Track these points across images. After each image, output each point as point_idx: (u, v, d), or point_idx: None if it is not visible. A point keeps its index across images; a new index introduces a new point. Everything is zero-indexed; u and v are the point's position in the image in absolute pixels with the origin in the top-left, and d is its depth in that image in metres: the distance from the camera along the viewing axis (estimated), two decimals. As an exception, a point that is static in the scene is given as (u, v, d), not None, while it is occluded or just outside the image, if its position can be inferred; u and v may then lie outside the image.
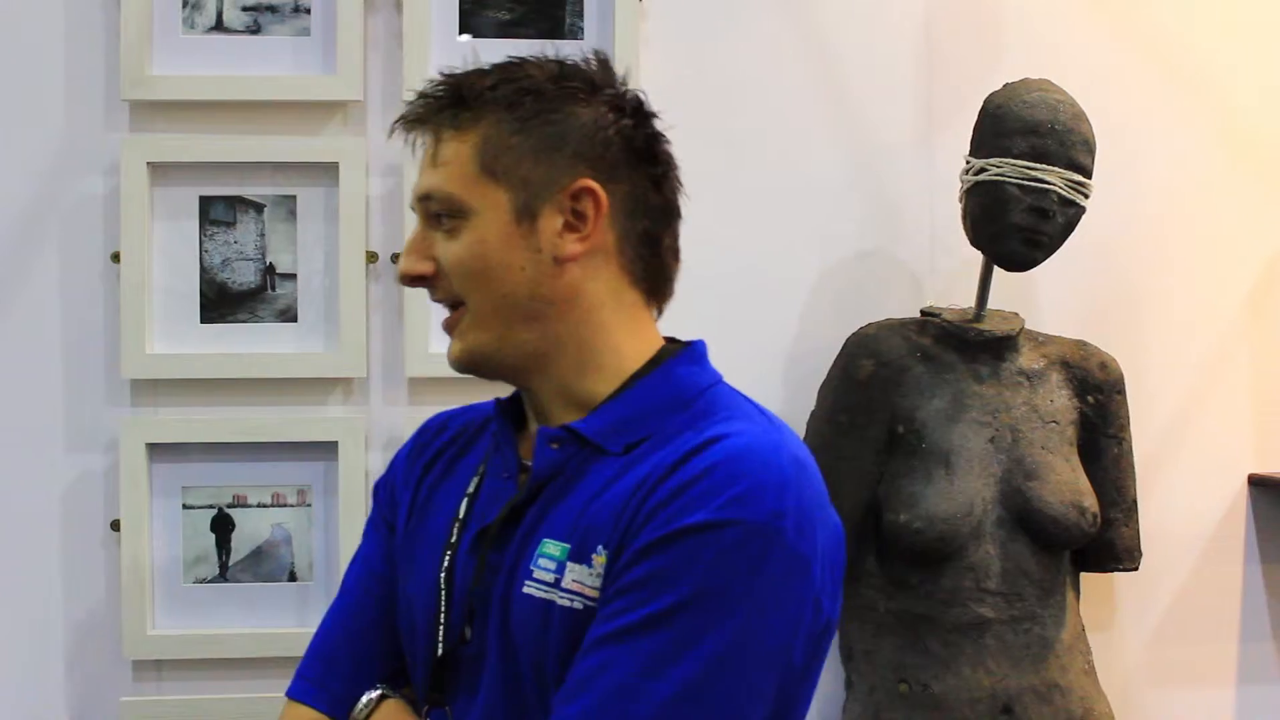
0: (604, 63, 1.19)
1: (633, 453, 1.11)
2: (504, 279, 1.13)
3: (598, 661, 1.02)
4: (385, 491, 1.32)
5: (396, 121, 1.20)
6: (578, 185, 1.13)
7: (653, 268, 1.18)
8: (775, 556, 1.03)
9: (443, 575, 1.17)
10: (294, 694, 1.27)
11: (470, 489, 1.21)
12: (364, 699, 1.23)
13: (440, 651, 1.17)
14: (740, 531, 1.02)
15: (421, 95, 1.18)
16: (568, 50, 1.20)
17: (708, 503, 1.03)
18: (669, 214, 1.20)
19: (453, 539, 1.18)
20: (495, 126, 1.14)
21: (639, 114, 1.18)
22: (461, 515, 1.19)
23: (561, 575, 1.08)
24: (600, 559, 1.07)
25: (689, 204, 1.23)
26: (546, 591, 1.09)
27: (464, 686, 1.16)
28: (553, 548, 1.10)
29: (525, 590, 1.10)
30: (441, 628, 1.17)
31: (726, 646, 1.01)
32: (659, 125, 1.20)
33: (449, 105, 1.16)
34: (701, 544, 1.02)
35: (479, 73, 1.17)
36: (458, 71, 1.18)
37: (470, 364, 1.18)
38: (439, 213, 1.16)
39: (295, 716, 1.25)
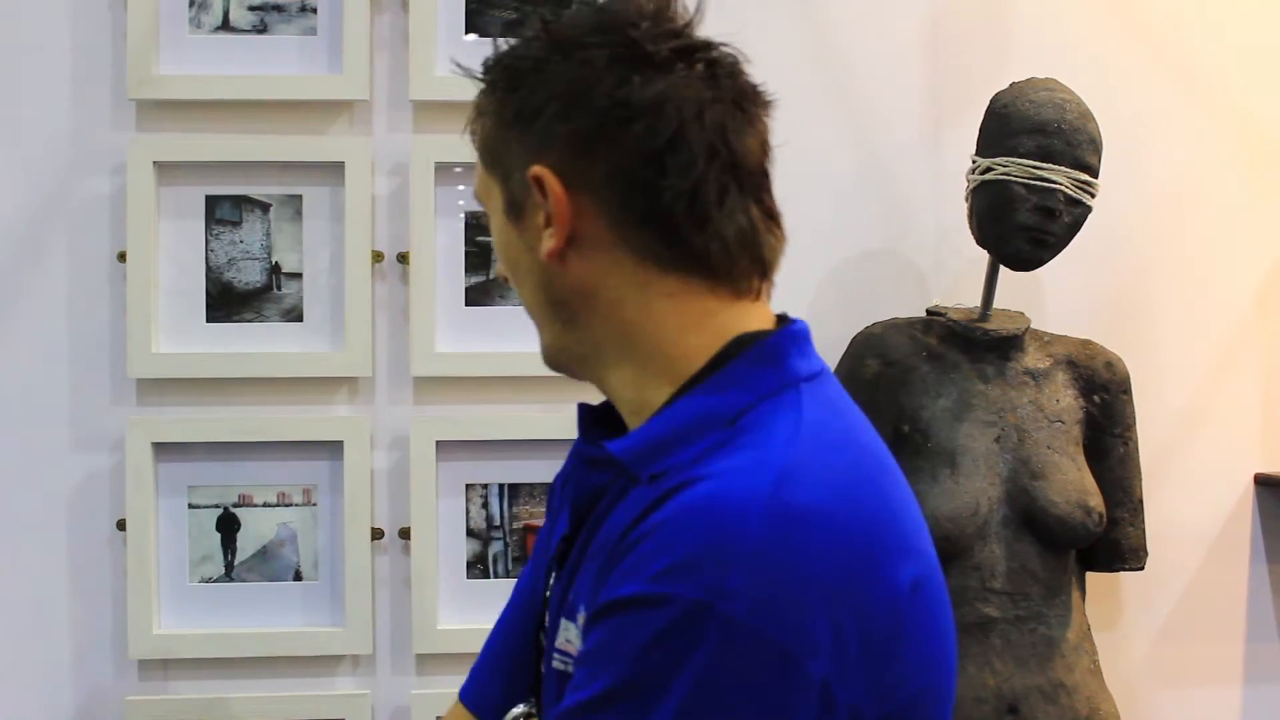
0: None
1: (657, 483, 0.91)
2: (521, 281, 1.01)
3: None
4: (553, 488, 1.18)
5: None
6: (530, 174, 0.95)
7: (693, 247, 0.94)
8: (714, 646, 0.81)
9: (547, 594, 1.05)
10: (462, 695, 1.20)
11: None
12: (512, 712, 1.10)
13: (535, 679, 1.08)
14: (670, 612, 0.82)
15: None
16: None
17: (643, 571, 0.84)
18: (673, 178, 0.93)
19: (553, 560, 1.07)
20: (490, 112, 1.00)
21: (630, 59, 0.93)
22: (558, 544, 1.06)
23: (557, 633, 0.96)
24: (582, 617, 0.92)
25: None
26: (559, 641, 0.97)
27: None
28: (571, 595, 0.97)
29: (556, 642, 0.98)
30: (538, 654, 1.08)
31: None
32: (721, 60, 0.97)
33: (480, 92, 1.02)
34: (627, 624, 0.84)
35: (500, 50, 1.01)
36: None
37: (549, 365, 1.05)
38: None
39: (456, 716, 1.19)
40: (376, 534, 1.97)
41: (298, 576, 1.98)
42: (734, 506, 0.85)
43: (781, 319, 1.02)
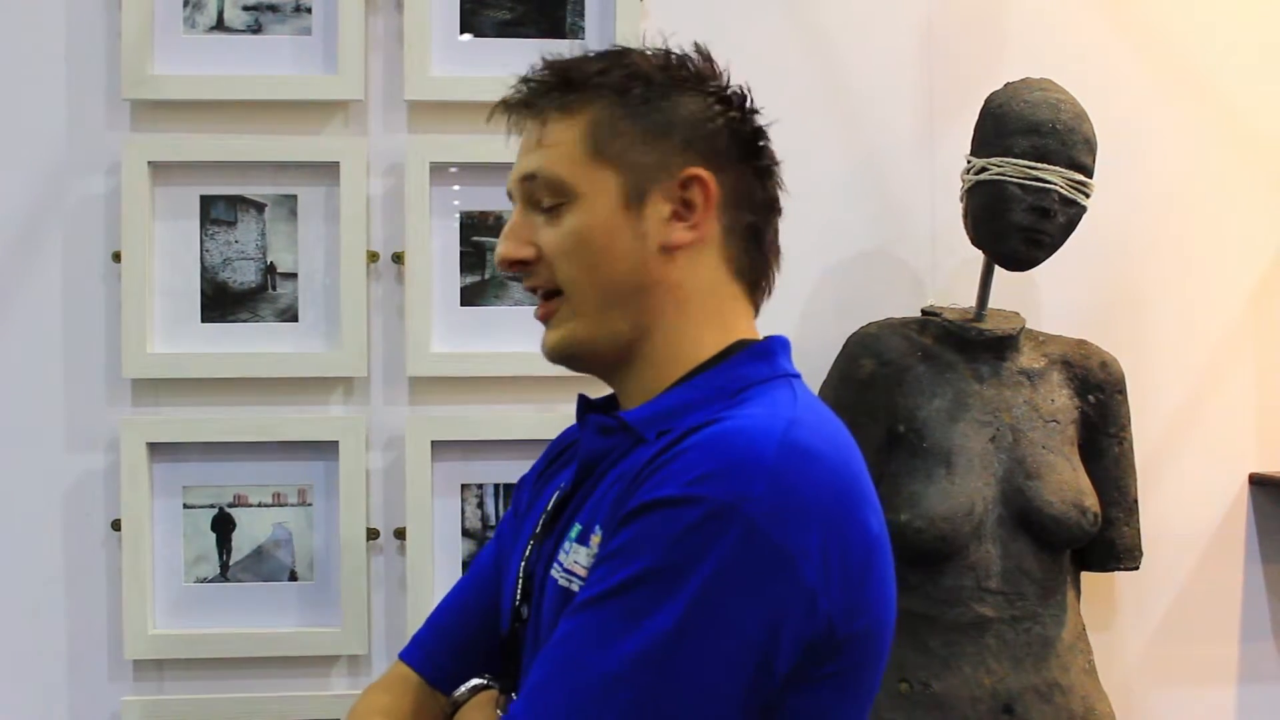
0: (707, 56, 1.19)
1: (667, 436, 1.07)
2: (608, 264, 1.12)
3: (562, 632, 1.01)
4: (522, 484, 1.34)
5: (498, 104, 1.19)
6: (688, 173, 1.12)
7: (756, 262, 1.18)
8: (735, 540, 0.97)
9: (522, 563, 1.18)
10: (405, 656, 1.31)
11: (564, 483, 1.22)
12: (465, 686, 1.23)
13: (506, 633, 1.19)
14: (702, 509, 0.98)
15: (524, 80, 1.17)
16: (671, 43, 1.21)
17: (677, 479, 0.99)
18: (772, 208, 1.19)
19: (538, 529, 1.20)
20: (605, 110, 1.13)
21: (745, 107, 1.18)
22: (550, 506, 1.20)
23: (568, 556, 1.09)
24: (596, 538, 1.06)
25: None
26: (558, 571, 1.09)
27: (525, 669, 1.16)
28: (574, 530, 1.10)
29: (551, 571, 1.11)
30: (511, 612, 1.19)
31: (674, 626, 0.96)
32: (761, 121, 1.20)
33: (555, 89, 1.15)
34: (663, 519, 0.99)
35: (584, 58, 1.17)
36: (560, 58, 1.17)
37: (565, 354, 1.17)
38: (543, 196, 1.14)
39: (402, 676, 1.29)
40: (372, 534, 1.97)
41: (293, 577, 1.98)
42: (756, 435, 1.02)
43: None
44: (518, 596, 1.18)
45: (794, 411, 1.07)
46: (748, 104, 1.18)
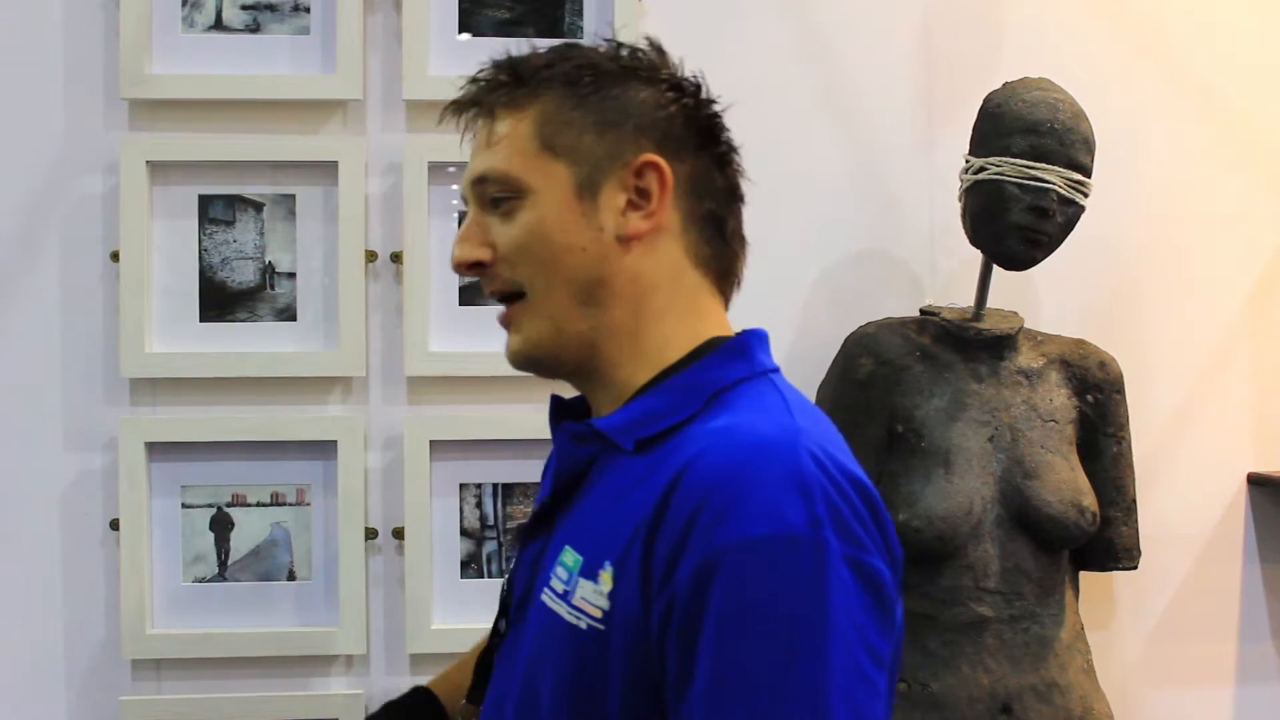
0: (659, 48, 1.15)
1: (648, 453, 1.03)
2: (565, 260, 1.08)
3: None
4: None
5: (448, 106, 1.16)
6: (642, 160, 1.08)
7: (718, 251, 1.13)
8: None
9: (518, 556, 1.17)
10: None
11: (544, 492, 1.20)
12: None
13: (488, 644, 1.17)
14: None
15: (472, 79, 1.14)
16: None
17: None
18: (733, 196, 1.15)
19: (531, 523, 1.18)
20: (554, 102, 1.10)
21: (699, 95, 1.14)
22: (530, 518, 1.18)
23: (572, 590, 1.02)
24: (606, 575, 1.00)
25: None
26: (555, 602, 1.04)
27: (496, 686, 1.14)
28: (569, 557, 1.04)
29: (542, 597, 1.06)
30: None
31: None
32: (718, 108, 1.16)
33: (503, 85, 1.12)
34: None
35: (533, 54, 1.13)
36: (508, 55, 1.14)
37: (529, 360, 1.12)
38: (496, 195, 1.11)
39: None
40: (370, 533, 1.97)
41: (291, 576, 1.98)
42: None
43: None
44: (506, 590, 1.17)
45: (793, 421, 1.02)
46: (702, 91, 1.14)
